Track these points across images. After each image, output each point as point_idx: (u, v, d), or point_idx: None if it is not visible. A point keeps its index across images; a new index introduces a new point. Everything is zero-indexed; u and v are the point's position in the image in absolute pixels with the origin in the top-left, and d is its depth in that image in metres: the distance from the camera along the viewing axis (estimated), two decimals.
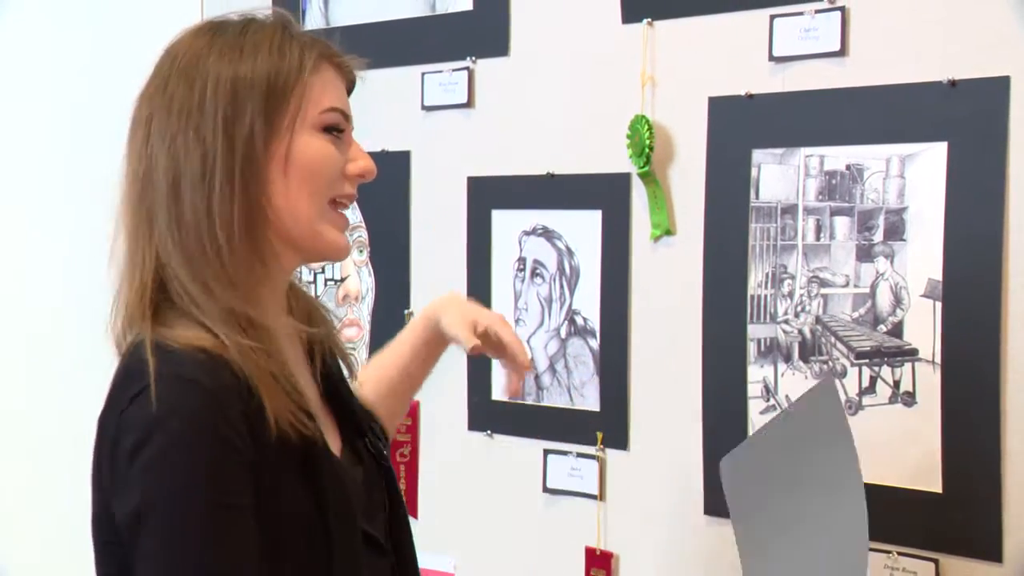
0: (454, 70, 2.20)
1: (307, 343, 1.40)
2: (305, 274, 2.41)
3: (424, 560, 2.23)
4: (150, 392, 1.18)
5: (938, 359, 1.69)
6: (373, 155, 2.25)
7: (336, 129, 1.32)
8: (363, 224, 2.34)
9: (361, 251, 2.35)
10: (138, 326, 1.26)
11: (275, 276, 1.31)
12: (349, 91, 1.39)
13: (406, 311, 2.28)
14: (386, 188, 2.30)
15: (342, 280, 2.37)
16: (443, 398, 2.24)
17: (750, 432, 1.87)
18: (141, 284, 1.28)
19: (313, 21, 2.39)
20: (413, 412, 2.27)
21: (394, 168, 2.28)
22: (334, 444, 1.36)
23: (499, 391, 2.16)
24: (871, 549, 1.74)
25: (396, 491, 1.44)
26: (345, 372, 1.47)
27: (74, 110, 2.77)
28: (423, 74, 2.24)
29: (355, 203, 2.31)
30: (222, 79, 1.27)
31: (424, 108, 2.25)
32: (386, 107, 2.29)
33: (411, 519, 2.25)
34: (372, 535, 1.33)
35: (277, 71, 1.28)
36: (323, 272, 2.40)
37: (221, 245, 1.25)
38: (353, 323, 2.36)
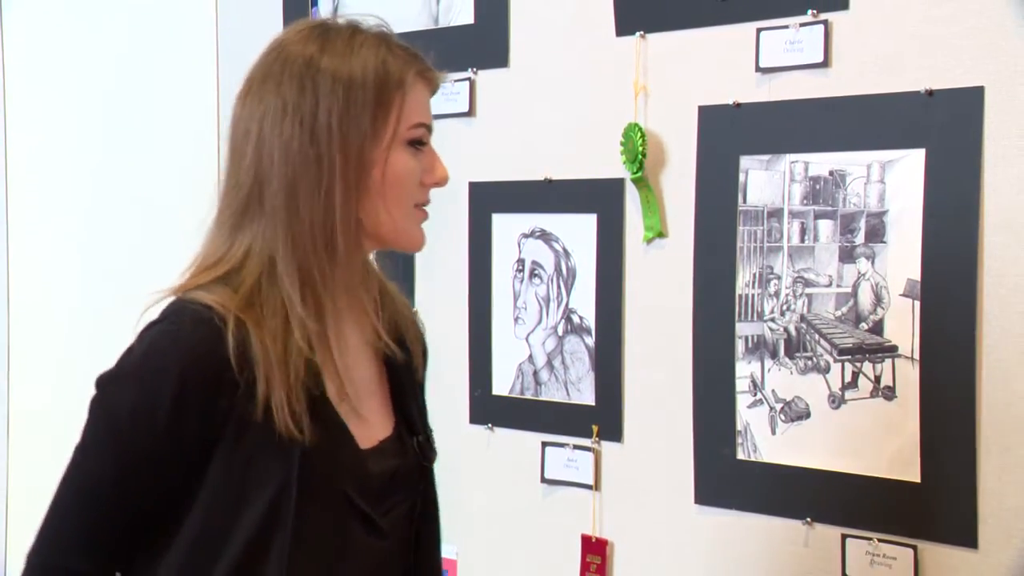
0: (456, 81, 2.21)
1: (376, 328, 1.41)
2: None
3: None
4: (142, 334, 1.26)
5: (917, 355, 1.71)
6: None
7: (420, 143, 1.35)
8: None
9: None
10: (179, 290, 1.30)
11: (353, 266, 1.33)
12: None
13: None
14: None
15: None
16: (445, 393, 2.24)
17: (739, 425, 1.88)
18: (220, 266, 1.30)
19: None
20: None
21: None
22: (378, 429, 1.38)
23: (500, 386, 2.18)
24: (853, 536, 1.76)
25: (431, 492, 1.46)
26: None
27: (78, 108, 2.77)
28: None
29: None
30: (335, 92, 1.29)
31: None
32: None
33: None
34: (368, 515, 1.33)
35: (384, 85, 1.30)
36: None
37: (336, 243, 1.28)
38: None
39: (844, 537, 1.77)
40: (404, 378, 1.44)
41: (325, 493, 1.29)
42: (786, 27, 1.81)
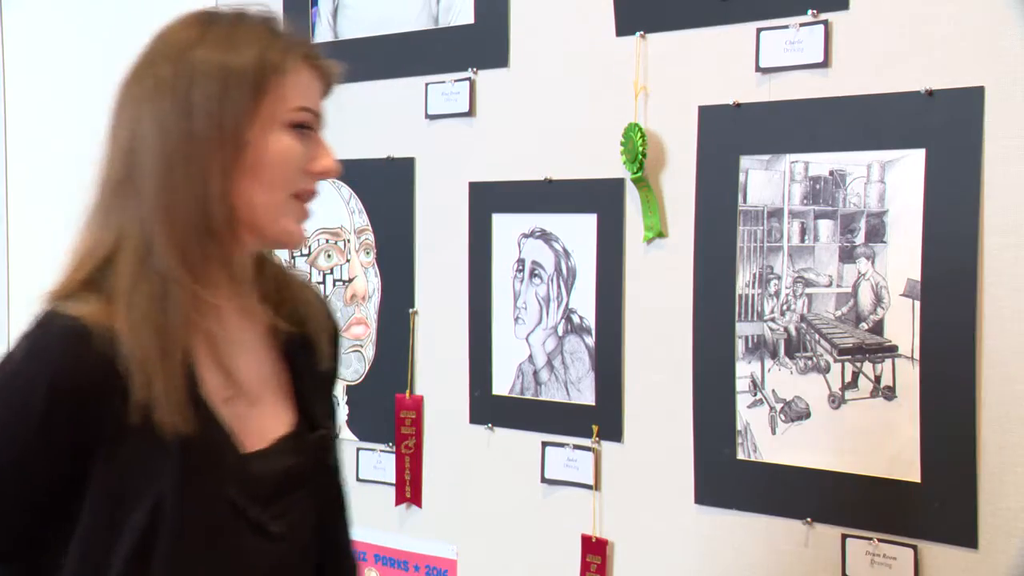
0: (456, 80, 2.20)
1: (271, 326, 1.38)
2: (315, 275, 2.42)
3: (427, 547, 2.27)
4: (10, 350, 1.25)
5: (917, 355, 1.70)
6: (379, 161, 2.32)
7: (305, 127, 1.31)
8: (370, 227, 2.35)
9: (368, 253, 2.35)
10: (53, 299, 1.27)
11: (234, 256, 1.31)
12: (326, 94, 1.38)
13: (411, 310, 2.29)
14: (392, 193, 2.31)
15: (350, 280, 2.38)
16: (446, 393, 2.24)
17: (739, 425, 1.88)
18: (85, 261, 1.28)
19: (322, 34, 2.40)
20: (417, 407, 2.28)
21: (399, 174, 2.29)
22: (274, 427, 1.34)
23: (500, 386, 2.17)
24: (853, 536, 1.75)
25: (336, 486, 1.42)
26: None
27: (78, 107, 2.77)
28: (427, 84, 2.24)
29: (362, 207, 2.35)
30: (212, 68, 1.27)
31: (428, 117, 2.25)
32: (392, 116, 2.30)
33: (415, 508, 2.28)
34: (254, 519, 1.30)
35: (262, 66, 1.28)
36: (331, 273, 2.41)
37: (210, 220, 1.26)
38: (360, 321, 2.37)
39: (844, 537, 1.76)
40: (306, 371, 1.40)
41: (207, 497, 1.26)
42: (786, 27, 1.81)
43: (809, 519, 1.80)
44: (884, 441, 1.73)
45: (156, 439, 1.22)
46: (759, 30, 1.83)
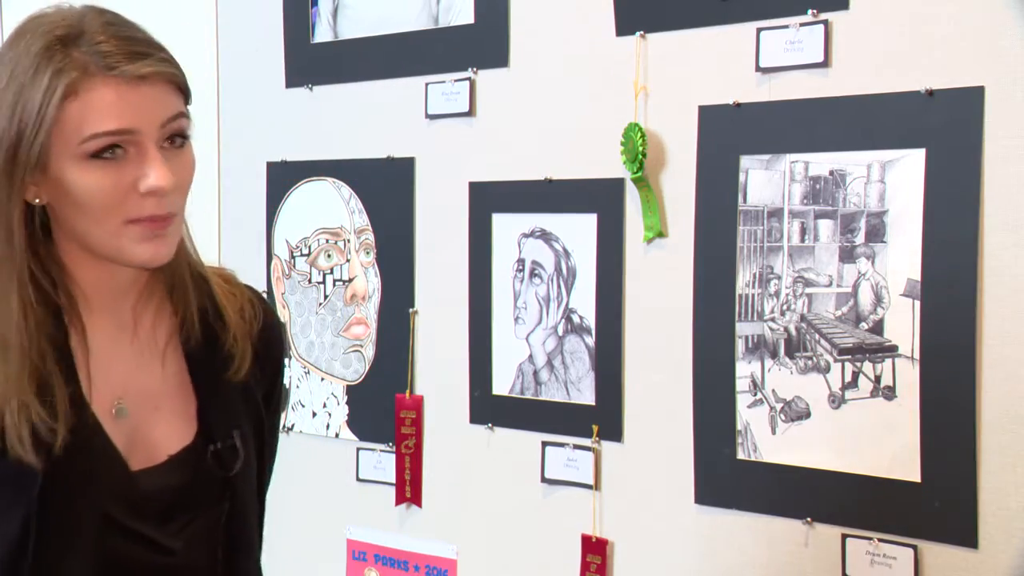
0: (456, 80, 2.20)
1: (174, 333, 1.32)
2: (315, 275, 2.41)
3: (428, 547, 2.26)
4: None
5: (917, 355, 1.69)
6: (379, 161, 2.32)
7: (109, 150, 1.19)
8: (370, 227, 2.34)
9: (368, 252, 2.35)
10: None
11: (94, 275, 1.25)
12: (184, 91, 1.25)
13: (411, 310, 2.28)
14: (392, 193, 2.30)
15: (350, 280, 2.37)
16: (446, 393, 2.24)
17: (739, 425, 1.87)
18: None
19: (322, 34, 2.39)
20: (417, 407, 2.27)
21: (399, 174, 2.29)
22: (170, 441, 1.29)
23: (500, 386, 2.17)
24: (853, 536, 1.75)
25: (237, 504, 1.33)
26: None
27: None
28: (427, 84, 2.24)
29: (362, 207, 2.35)
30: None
31: (428, 116, 2.25)
32: (391, 115, 2.30)
33: (415, 508, 2.27)
34: (139, 532, 1.25)
35: (27, 104, 1.17)
36: (331, 273, 2.40)
37: (25, 263, 1.21)
38: (360, 321, 2.36)
39: (844, 537, 1.76)
40: (208, 380, 1.32)
41: (81, 517, 1.21)
42: (786, 27, 1.80)
43: (809, 519, 1.80)
44: (884, 441, 1.72)
45: (13, 467, 1.19)
46: (759, 30, 1.83)
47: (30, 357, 1.19)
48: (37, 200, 1.22)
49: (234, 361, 1.32)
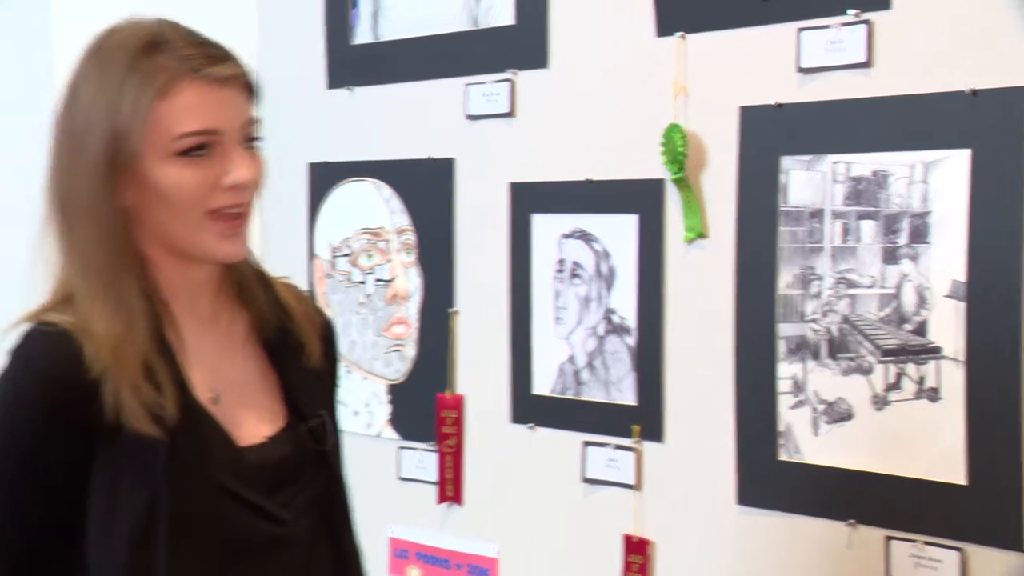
0: (496, 81, 2.18)
1: (250, 327, 1.40)
2: (356, 275, 2.41)
3: (469, 546, 2.26)
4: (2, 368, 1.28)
5: (961, 357, 1.67)
6: (419, 162, 2.31)
7: (197, 149, 1.27)
8: (411, 227, 2.34)
9: (409, 253, 2.34)
10: (32, 316, 1.31)
11: (188, 268, 1.32)
12: (252, 92, 1.33)
13: (450, 309, 2.28)
14: (432, 193, 2.30)
15: (391, 280, 2.37)
16: (487, 393, 2.23)
17: (780, 427, 1.85)
18: (60, 283, 1.32)
19: (362, 36, 2.39)
20: (458, 406, 2.27)
21: (439, 174, 2.28)
22: (264, 424, 1.36)
23: (541, 386, 2.15)
24: (897, 538, 1.72)
25: (334, 477, 1.42)
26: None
27: None
28: (467, 85, 2.23)
29: (403, 207, 2.34)
30: (81, 107, 1.28)
31: (468, 117, 2.24)
32: (432, 117, 2.29)
33: (456, 506, 2.27)
34: (253, 502, 1.31)
35: (121, 106, 1.25)
36: (372, 273, 2.40)
37: (98, 256, 1.27)
38: (401, 321, 2.36)
39: (888, 539, 1.74)
40: (289, 367, 1.41)
41: (201, 488, 1.28)
42: (828, 27, 1.78)
43: (852, 521, 1.77)
44: (929, 443, 1.70)
45: (142, 439, 1.25)
46: (800, 30, 1.81)
47: (141, 347, 1.26)
48: (125, 202, 1.29)
49: (305, 349, 1.41)
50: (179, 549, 1.26)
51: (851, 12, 1.75)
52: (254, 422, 1.36)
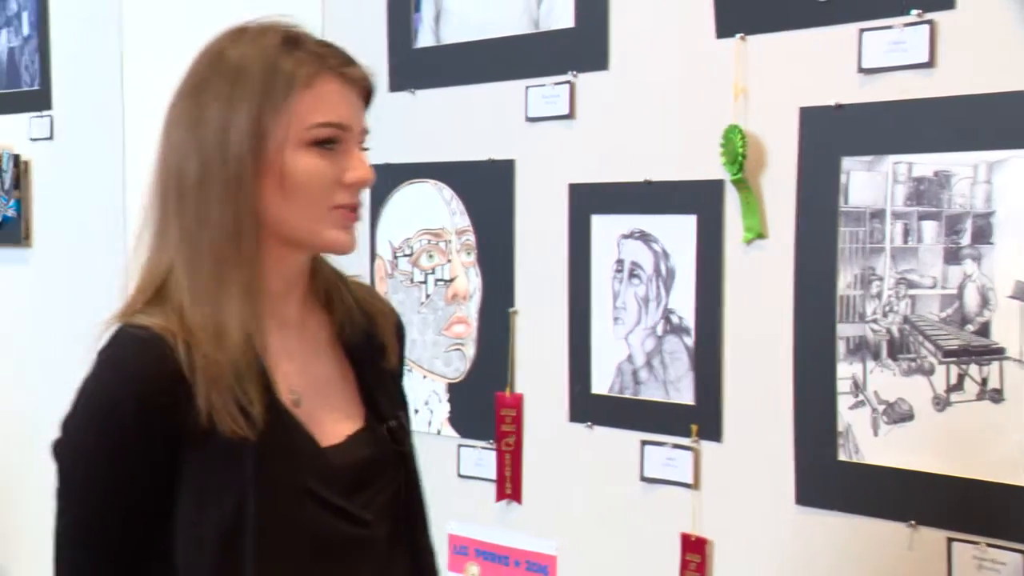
0: (556, 83, 2.19)
1: (332, 326, 1.41)
2: (416, 275, 2.43)
3: (528, 543, 2.26)
4: (90, 369, 1.29)
5: None
6: (479, 164, 2.32)
7: (331, 142, 1.30)
8: (471, 227, 2.35)
9: (469, 253, 2.36)
10: (121, 317, 1.31)
11: (277, 270, 1.33)
12: (368, 99, 1.37)
13: (510, 309, 2.29)
14: (492, 194, 2.31)
15: (451, 280, 2.39)
16: (545, 392, 2.24)
17: (840, 427, 1.84)
18: (151, 278, 1.32)
19: (424, 39, 2.40)
20: (517, 405, 2.28)
21: (500, 176, 2.29)
22: (345, 424, 1.37)
23: (599, 385, 2.16)
24: (959, 540, 1.71)
25: (411, 477, 1.43)
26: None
27: None
28: (527, 87, 2.23)
29: (463, 208, 2.36)
30: (221, 93, 1.28)
31: (528, 119, 2.24)
32: (492, 119, 2.30)
33: (515, 504, 2.27)
34: (338, 505, 1.32)
35: (269, 88, 1.27)
36: (433, 273, 2.42)
37: (220, 246, 1.27)
38: (461, 320, 2.37)
39: (950, 541, 1.72)
40: (369, 368, 1.42)
41: (288, 490, 1.29)
42: (890, 27, 1.76)
43: (913, 522, 1.76)
44: (992, 444, 1.68)
45: (230, 441, 1.25)
46: (861, 31, 1.79)
47: (235, 349, 1.27)
48: (261, 196, 1.29)
49: (386, 351, 1.44)
50: (266, 552, 1.27)
51: (914, 12, 1.73)
52: (335, 423, 1.37)
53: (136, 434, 1.26)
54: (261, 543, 1.26)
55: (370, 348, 1.43)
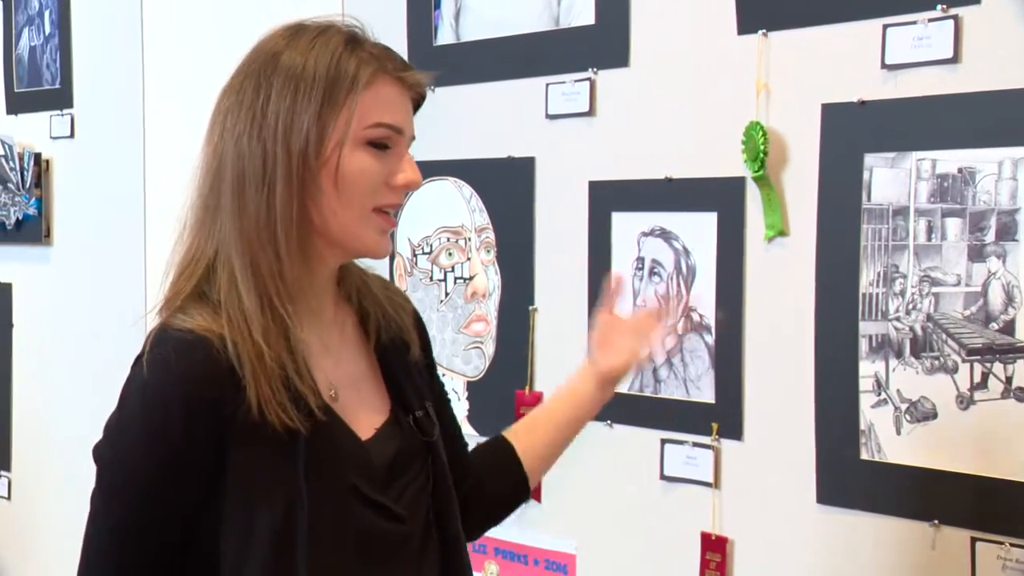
0: (576, 81, 2.18)
1: (360, 322, 1.43)
2: (436, 273, 2.43)
3: (547, 542, 2.26)
4: (134, 372, 1.28)
5: None
6: (499, 161, 2.32)
7: (384, 143, 1.32)
8: (490, 225, 2.35)
9: (489, 251, 2.35)
10: (163, 313, 1.32)
11: (317, 269, 1.34)
12: (418, 104, 1.39)
13: (530, 307, 2.28)
14: (512, 192, 2.30)
15: (471, 278, 2.38)
16: None
17: (862, 425, 1.82)
18: (192, 271, 1.32)
19: (444, 36, 2.40)
20: (537, 403, 2.27)
21: (520, 173, 2.28)
22: (372, 417, 1.38)
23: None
24: (983, 540, 1.69)
25: (440, 468, 1.43)
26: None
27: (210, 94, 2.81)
28: (547, 85, 2.23)
29: (483, 206, 2.35)
30: (285, 89, 1.29)
31: (548, 117, 2.24)
32: (512, 116, 2.29)
33: (534, 503, 2.26)
34: (378, 501, 1.33)
35: (333, 86, 1.28)
36: (452, 271, 2.41)
37: (278, 241, 1.28)
38: (481, 318, 2.36)
39: (974, 540, 1.70)
40: (395, 362, 1.43)
41: (335, 487, 1.29)
42: (914, 23, 1.75)
43: (936, 521, 1.74)
44: (1016, 443, 1.66)
45: (280, 437, 1.26)
46: (885, 26, 1.78)
47: (281, 348, 1.27)
48: (317, 195, 1.30)
49: (409, 344, 1.45)
50: (318, 550, 1.27)
51: (939, 7, 1.72)
52: (364, 417, 1.38)
53: (182, 437, 1.26)
54: (312, 541, 1.26)
55: (393, 342, 1.45)
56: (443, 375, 2.40)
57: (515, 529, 2.30)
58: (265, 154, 1.28)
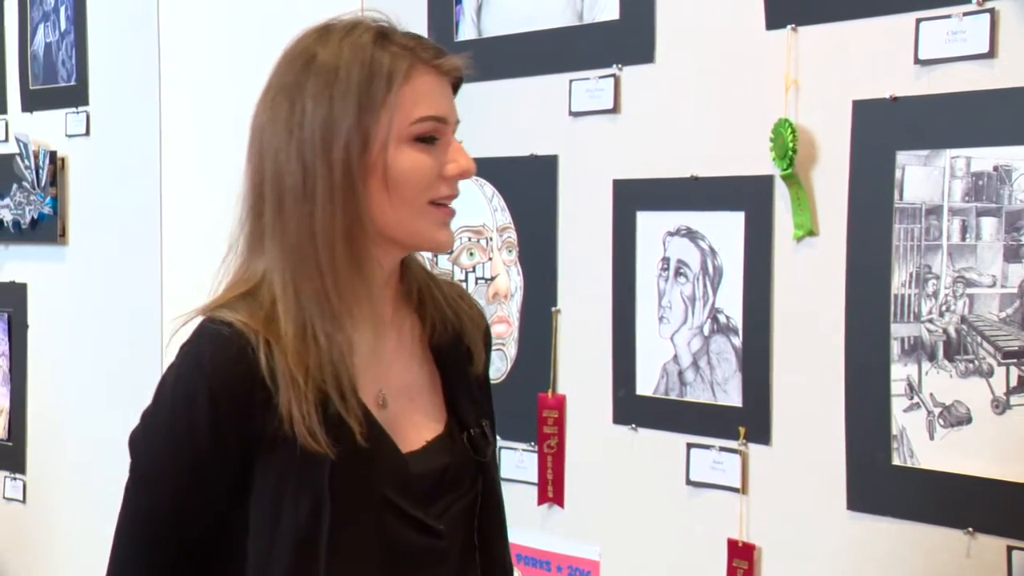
0: (601, 77, 2.17)
1: (422, 326, 1.40)
2: (457, 273, 2.42)
3: (570, 548, 2.24)
4: (174, 361, 1.29)
5: None
6: (522, 159, 2.31)
7: (430, 137, 1.30)
8: (513, 225, 2.34)
9: (510, 251, 2.34)
10: (204, 310, 1.31)
11: (371, 272, 1.31)
12: (457, 87, 1.36)
13: (553, 308, 2.27)
14: (535, 190, 2.29)
15: (492, 278, 2.37)
16: (589, 393, 2.22)
17: (894, 430, 1.80)
18: (244, 282, 1.30)
19: (466, 32, 2.39)
20: (560, 406, 2.26)
21: (542, 171, 2.27)
22: (427, 429, 1.36)
23: (644, 386, 2.13)
24: (1020, 548, 1.67)
25: (490, 488, 1.41)
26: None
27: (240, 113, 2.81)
28: (571, 81, 2.22)
29: (505, 205, 2.34)
30: (320, 97, 1.26)
31: (572, 114, 2.23)
32: (535, 113, 2.28)
33: (557, 508, 2.25)
34: (412, 514, 1.31)
35: (369, 88, 1.26)
36: (474, 271, 2.40)
37: (322, 259, 1.26)
38: (502, 320, 2.35)
39: (1010, 549, 1.68)
40: (455, 373, 1.41)
41: (364, 498, 1.28)
42: (948, 17, 1.73)
43: (971, 529, 1.72)
44: None
45: (305, 448, 1.24)
46: (918, 21, 1.76)
47: (324, 352, 1.26)
48: (368, 194, 1.28)
49: (473, 357, 1.42)
50: (340, 560, 1.26)
51: (974, 1, 1.70)
52: (417, 428, 1.36)
53: (209, 430, 1.26)
54: (334, 551, 1.26)
55: (457, 352, 1.42)
56: None
57: (538, 534, 2.29)
58: (304, 169, 1.26)
